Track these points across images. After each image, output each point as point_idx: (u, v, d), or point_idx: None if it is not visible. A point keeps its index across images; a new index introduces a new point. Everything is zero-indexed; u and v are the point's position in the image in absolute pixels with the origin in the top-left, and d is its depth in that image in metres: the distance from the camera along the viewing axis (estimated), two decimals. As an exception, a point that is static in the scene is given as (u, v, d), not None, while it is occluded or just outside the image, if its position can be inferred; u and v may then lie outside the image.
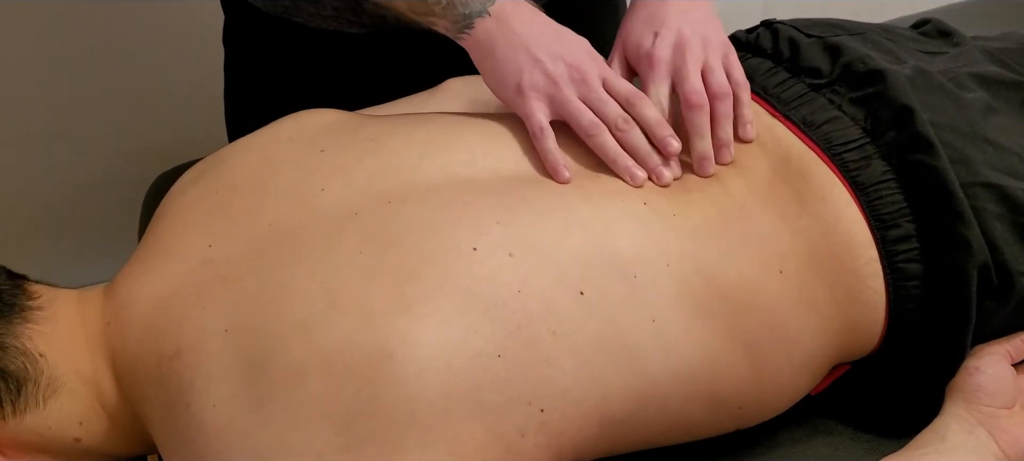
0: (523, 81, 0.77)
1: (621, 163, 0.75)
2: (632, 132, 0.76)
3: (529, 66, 0.77)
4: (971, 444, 0.71)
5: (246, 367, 0.62)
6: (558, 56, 0.78)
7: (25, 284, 0.71)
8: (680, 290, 0.69)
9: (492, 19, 0.80)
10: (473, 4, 0.80)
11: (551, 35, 0.80)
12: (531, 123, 0.76)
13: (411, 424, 0.60)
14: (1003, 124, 0.81)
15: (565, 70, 0.77)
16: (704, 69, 0.79)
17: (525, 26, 0.79)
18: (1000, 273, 0.74)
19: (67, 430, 0.68)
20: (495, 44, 0.79)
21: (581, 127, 0.76)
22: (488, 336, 0.63)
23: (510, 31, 0.79)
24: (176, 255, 0.71)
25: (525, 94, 0.77)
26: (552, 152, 0.75)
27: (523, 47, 0.78)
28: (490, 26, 0.80)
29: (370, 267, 0.65)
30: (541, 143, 0.75)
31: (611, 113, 0.76)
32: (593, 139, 0.76)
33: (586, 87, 0.77)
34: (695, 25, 0.81)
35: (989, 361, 0.75)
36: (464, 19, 0.80)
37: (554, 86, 0.77)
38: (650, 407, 0.69)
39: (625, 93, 0.77)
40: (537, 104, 0.77)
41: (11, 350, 0.66)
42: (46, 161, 1.58)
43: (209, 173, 0.79)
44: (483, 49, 0.80)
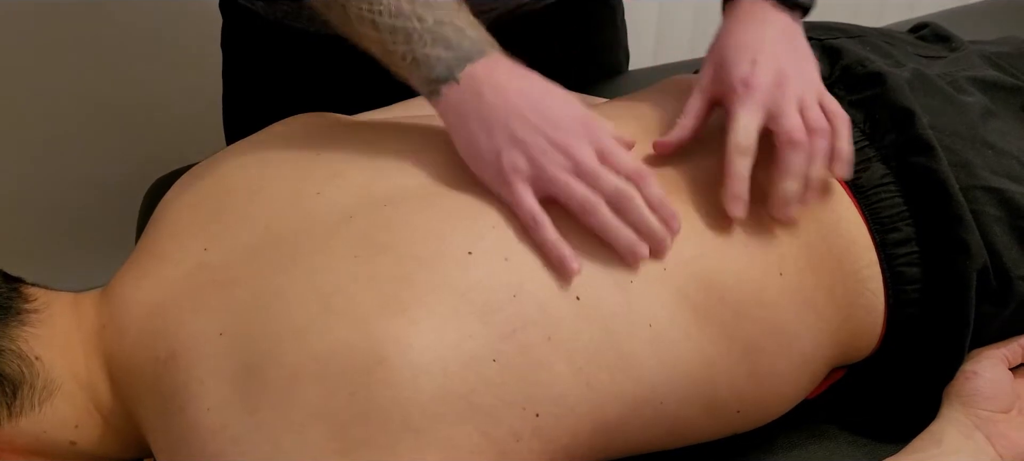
0: (503, 163, 0.68)
1: (622, 241, 0.68)
2: (635, 205, 0.68)
3: (507, 145, 0.68)
4: (968, 448, 0.71)
5: (241, 371, 0.62)
6: (539, 129, 0.69)
7: (21, 287, 0.71)
8: (677, 294, 0.69)
9: (462, 87, 0.70)
10: (437, 67, 0.70)
11: (531, 102, 0.70)
12: (520, 212, 0.68)
13: (405, 427, 0.60)
14: (1002, 128, 0.81)
15: (547, 145, 0.69)
16: (801, 105, 0.73)
17: (499, 96, 0.69)
18: (999, 277, 0.75)
19: (63, 433, 0.68)
20: (466, 116, 0.70)
21: (573, 206, 0.68)
22: (483, 340, 0.63)
23: (482, 102, 0.69)
24: (172, 259, 0.71)
25: (507, 179, 0.68)
26: (554, 244, 0.67)
27: (499, 122, 0.69)
28: (461, 94, 0.70)
29: (365, 271, 0.65)
30: (538, 235, 0.67)
31: (608, 185, 0.68)
32: (589, 218, 0.68)
33: (574, 160, 0.68)
34: (795, 60, 0.76)
35: (986, 365, 0.75)
36: (430, 84, 0.71)
37: (537, 166, 0.68)
38: (646, 412, 0.68)
39: (628, 169, 0.69)
40: (522, 188, 0.68)
41: (7, 353, 0.66)
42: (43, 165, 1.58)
43: (205, 177, 0.79)
44: (453, 118, 0.71)
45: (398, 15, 0.71)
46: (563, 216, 0.68)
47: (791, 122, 0.71)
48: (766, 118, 0.72)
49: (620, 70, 1.29)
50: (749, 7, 0.78)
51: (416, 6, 0.71)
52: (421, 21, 0.70)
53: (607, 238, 0.68)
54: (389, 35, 0.71)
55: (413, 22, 0.70)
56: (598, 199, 0.68)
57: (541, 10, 1.10)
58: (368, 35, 0.73)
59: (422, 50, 0.70)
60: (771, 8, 0.77)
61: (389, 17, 0.71)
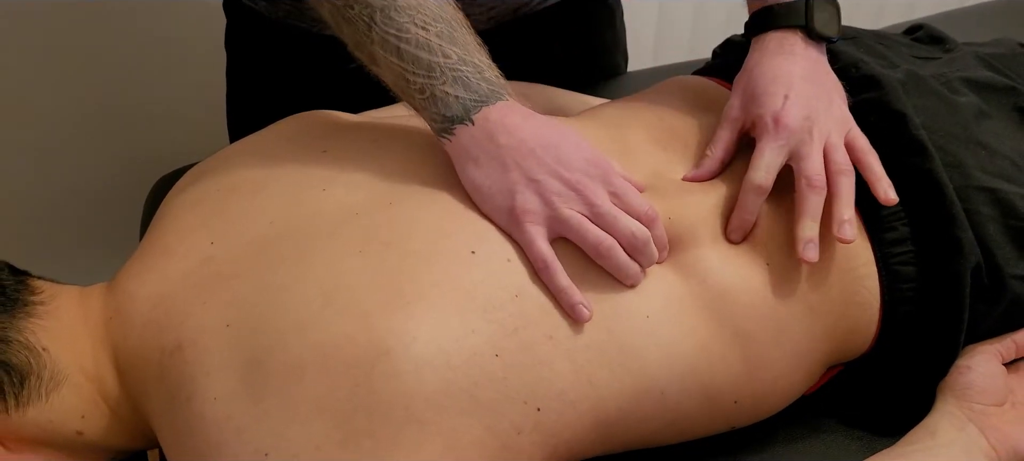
0: (516, 204, 0.68)
1: (633, 278, 0.69)
2: (649, 249, 0.69)
3: (521, 186, 0.69)
4: (961, 441, 0.72)
5: (246, 363, 0.63)
6: (553, 172, 0.69)
7: (28, 280, 0.72)
8: (674, 288, 0.71)
9: (476, 128, 0.70)
10: (454, 106, 0.70)
11: (544, 145, 0.70)
12: (532, 254, 0.68)
13: (408, 419, 0.61)
14: (995, 128, 0.82)
15: (561, 186, 0.69)
16: (827, 146, 0.74)
17: (512, 138, 0.69)
18: (992, 275, 0.75)
19: (69, 423, 0.69)
20: (479, 157, 0.70)
21: (587, 246, 0.69)
22: (486, 336, 0.64)
23: (495, 144, 0.69)
24: (177, 253, 0.72)
25: (520, 221, 0.68)
26: (566, 290, 0.67)
27: (513, 163, 0.69)
28: (474, 135, 0.70)
29: (369, 266, 0.66)
30: (550, 280, 0.67)
31: (623, 228, 0.69)
32: (604, 260, 0.69)
33: (588, 203, 0.69)
34: (826, 97, 0.77)
35: (980, 360, 0.75)
36: (443, 121, 0.71)
37: (551, 207, 0.68)
38: (646, 404, 0.69)
39: (641, 211, 0.70)
40: (535, 230, 0.68)
41: (14, 344, 0.67)
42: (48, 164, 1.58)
43: (210, 173, 0.80)
44: (467, 158, 0.71)
45: (425, 47, 0.70)
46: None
47: (813, 167, 0.73)
48: (790, 157, 0.74)
49: (619, 71, 1.30)
50: (779, 39, 0.79)
51: (443, 42, 0.71)
52: (446, 57, 0.70)
53: (618, 276, 0.69)
54: (412, 65, 0.71)
55: (438, 57, 0.70)
56: (613, 242, 0.68)
57: (541, 12, 1.10)
58: (387, 61, 0.72)
59: (442, 87, 0.70)
60: (800, 41, 0.79)
61: (415, 48, 0.70)
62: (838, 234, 0.72)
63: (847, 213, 0.72)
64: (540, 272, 0.68)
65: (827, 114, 0.75)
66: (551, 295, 0.67)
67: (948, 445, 0.71)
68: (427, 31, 0.70)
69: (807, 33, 0.79)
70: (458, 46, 0.71)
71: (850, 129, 0.77)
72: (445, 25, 0.71)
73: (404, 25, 0.70)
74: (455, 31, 0.72)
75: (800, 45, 0.78)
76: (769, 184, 0.73)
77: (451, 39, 0.71)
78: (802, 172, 0.73)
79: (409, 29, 0.70)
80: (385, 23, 0.71)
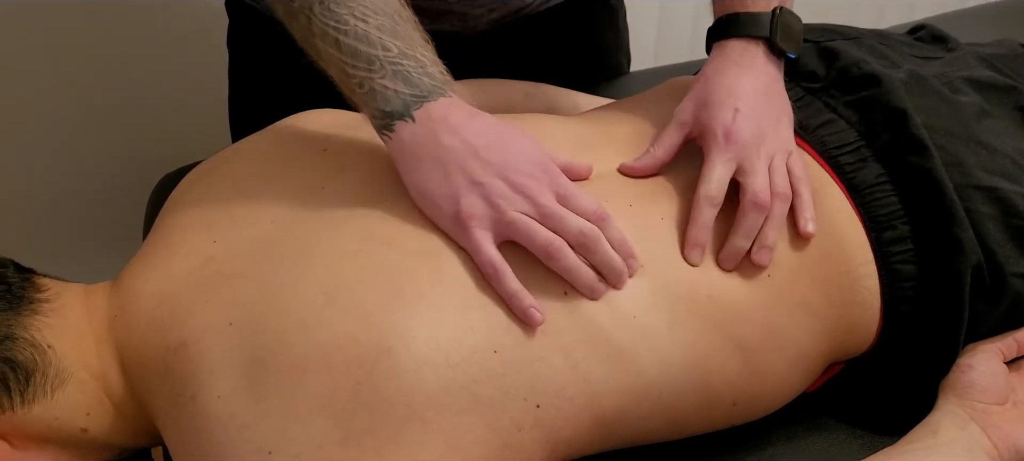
0: (460, 208, 0.67)
1: (584, 281, 0.67)
2: (600, 247, 0.67)
3: (465, 189, 0.67)
4: (963, 439, 0.72)
5: (249, 361, 0.63)
6: (497, 173, 0.67)
7: (34, 277, 0.72)
8: (663, 291, 0.70)
9: (417, 125, 0.68)
10: (394, 102, 0.68)
11: (489, 145, 0.68)
12: (480, 260, 0.66)
13: (409, 417, 0.61)
14: (996, 127, 0.82)
15: (506, 189, 0.67)
16: (771, 166, 0.74)
17: (455, 138, 0.67)
18: (993, 274, 0.76)
19: (74, 421, 0.69)
20: (421, 157, 0.68)
21: (536, 248, 0.67)
22: (484, 332, 0.65)
23: (437, 143, 0.67)
24: (180, 252, 0.72)
25: (465, 225, 0.66)
26: (516, 294, 0.65)
27: (456, 164, 0.67)
28: (416, 132, 0.68)
29: (370, 265, 0.67)
30: (499, 285, 0.66)
31: (572, 227, 0.67)
32: (553, 262, 0.67)
33: (534, 204, 0.67)
34: (775, 117, 0.76)
35: (981, 358, 0.76)
36: (383, 117, 0.69)
37: (497, 210, 0.67)
38: (643, 404, 0.70)
39: (590, 211, 0.69)
40: (481, 234, 0.67)
41: (20, 341, 0.67)
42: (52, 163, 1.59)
43: (212, 172, 0.80)
44: (405, 158, 0.69)
45: (364, 40, 0.68)
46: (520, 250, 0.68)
47: (758, 183, 0.72)
48: (737, 171, 0.73)
49: (621, 71, 1.30)
50: (741, 49, 0.78)
51: (383, 34, 0.69)
52: (386, 51, 0.68)
53: (569, 279, 0.67)
54: (351, 58, 0.69)
55: (377, 50, 0.68)
56: (561, 243, 0.67)
57: (543, 12, 1.11)
58: (328, 53, 0.70)
59: (381, 81, 0.68)
60: (761, 55, 0.78)
61: (354, 40, 0.68)
62: (755, 257, 0.72)
63: (772, 238, 0.72)
64: (489, 278, 0.66)
65: (775, 134, 0.75)
66: (541, 289, 0.67)
67: (950, 444, 0.71)
68: (367, 23, 0.69)
69: (769, 47, 0.78)
70: (400, 39, 0.69)
71: (791, 153, 0.76)
72: (387, 18, 0.69)
73: (343, 17, 0.69)
74: (398, 24, 0.70)
75: (760, 58, 0.77)
76: (720, 195, 0.72)
77: (393, 32, 0.69)
78: (748, 187, 0.72)
79: (348, 21, 0.68)
80: (324, 15, 0.69)
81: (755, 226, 0.72)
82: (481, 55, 1.01)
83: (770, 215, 0.72)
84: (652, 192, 0.76)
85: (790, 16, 0.79)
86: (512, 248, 0.68)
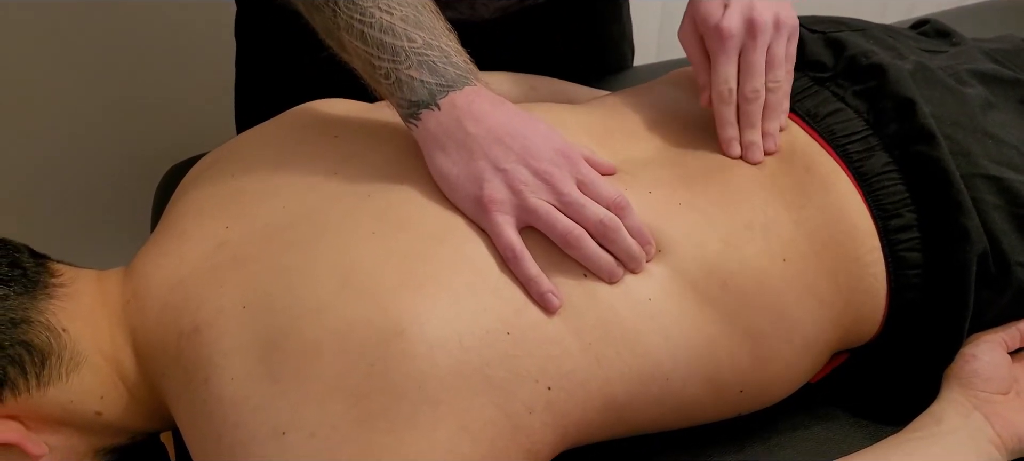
0: (483, 193, 0.68)
1: (604, 268, 0.69)
2: (619, 235, 0.69)
3: (489, 174, 0.68)
4: (967, 428, 0.72)
5: (263, 344, 0.64)
6: (520, 160, 0.69)
7: (48, 263, 0.73)
8: (680, 278, 0.71)
9: (442, 113, 0.70)
10: (419, 91, 0.70)
11: (512, 133, 0.70)
12: (500, 244, 0.68)
13: (422, 399, 0.62)
14: (1001, 119, 0.83)
15: (529, 176, 0.69)
16: (768, 56, 0.78)
17: (480, 125, 0.69)
18: (998, 263, 0.76)
19: (89, 404, 0.70)
20: (446, 144, 0.70)
21: (556, 236, 0.68)
22: (497, 314, 0.65)
23: (461, 130, 0.69)
24: (193, 237, 0.73)
25: (487, 209, 0.68)
26: (535, 279, 0.67)
27: (480, 150, 0.69)
28: (441, 120, 0.70)
29: (382, 248, 0.67)
30: (519, 269, 0.67)
31: (591, 215, 0.69)
32: (572, 249, 0.68)
33: (556, 192, 0.69)
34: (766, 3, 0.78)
35: (985, 348, 0.76)
36: (409, 106, 0.71)
37: (519, 196, 0.68)
38: (652, 390, 0.70)
39: (609, 198, 0.70)
40: (503, 219, 0.68)
41: (36, 324, 0.67)
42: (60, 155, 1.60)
43: (224, 159, 0.81)
44: (433, 146, 0.70)
45: (389, 31, 0.70)
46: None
47: (751, 85, 0.78)
48: (739, 66, 0.78)
49: (625, 65, 1.30)
50: None
51: (408, 26, 0.70)
52: (411, 41, 0.70)
53: (588, 266, 0.69)
54: (376, 50, 0.70)
55: (403, 41, 0.70)
56: (581, 231, 0.68)
57: (547, 5, 1.11)
58: (354, 46, 0.72)
59: (407, 71, 0.70)
60: None
61: (379, 32, 0.70)
62: (765, 147, 0.78)
63: (771, 127, 0.79)
64: (509, 262, 0.68)
65: (772, 20, 0.78)
66: (557, 272, 0.68)
67: (953, 432, 0.72)
68: (391, 15, 0.70)
69: None
70: (424, 30, 0.71)
71: (792, 37, 0.80)
72: (411, 9, 0.71)
73: (368, 9, 0.70)
74: (421, 15, 0.71)
75: None
76: (731, 91, 0.78)
77: (417, 23, 0.71)
78: (742, 85, 0.78)
79: (373, 13, 0.70)
80: (349, 8, 0.70)
81: (756, 116, 0.78)
82: (486, 45, 1.01)
83: (767, 106, 0.78)
84: (670, 179, 0.77)
85: None
86: (531, 232, 0.69)
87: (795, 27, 0.80)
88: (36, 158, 1.57)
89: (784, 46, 0.79)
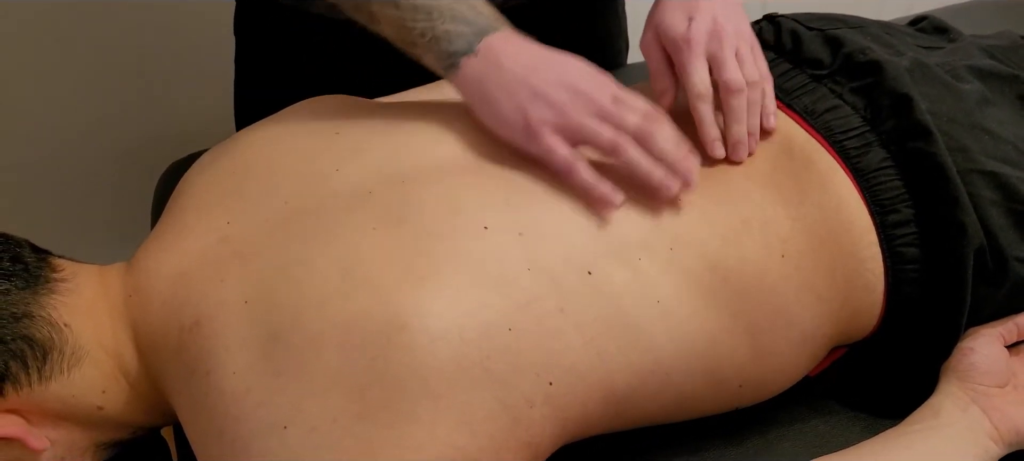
0: (530, 118, 0.72)
1: (656, 176, 0.72)
2: (659, 137, 0.72)
3: (530, 101, 0.72)
4: (964, 421, 0.72)
5: (265, 338, 0.64)
6: (558, 83, 0.73)
7: (50, 258, 0.73)
8: (684, 274, 0.71)
9: (479, 58, 0.74)
10: (457, 42, 0.74)
11: (546, 64, 0.74)
12: (554, 160, 0.71)
13: (423, 392, 0.62)
14: (998, 115, 0.83)
15: (569, 96, 0.72)
16: (737, 57, 0.79)
17: (515, 62, 0.73)
18: (995, 258, 0.76)
19: (90, 398, 0.70)
20: (486, 85, 0.74)
21: (603, 145, 0.72)
22: (499, 310, 0.65)
23: (500, 69, 0.73)
24: (194, 232, 0.73)
25: (536, 131, 0.72)
26: (593, 184, 0.71)
27: (518, 83, 0.73)
28: (478, 66, 0.74)
29: (384, 243, 0.67)
30: (576, 177, 0.71)
31: (631, 124, 0.72)
32: (620, 155, 0.72)
33: (596, 106, 0.73)
34: (727, 13, 0.80)
35: (983, 342, 0.76)
36: (449, 57, 0.75)
37: (562, 115, 0.72)
38: (652, 384, 0.71)
39: (643, 107, 0.74)
40: (553, 139, 0.72)
41: (37, 319, 0.68)
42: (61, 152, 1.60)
43: (225, 155, 0.81)
44: (473, 89, 0.75)
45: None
46: None
47: (730, 74, 0.77)
48: (711, 68, 0.78)
49: (620, 62, 1.30)
50: None
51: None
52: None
53: (639, 173, 0.72)
54: (410, 13, 0.75)
55: (433, 0, 0.74)
56: (626, 138, 0.72)
57: (542, 2, 1.11)
58: (386, 14, 0.76)
59: (442, 26, 0.75)
60: None
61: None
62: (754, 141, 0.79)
63: (753, 124, 0.78)
64: (565, 176, 0.71)
65: (734, 30, 0.79)
66: (562, 268, 0.68)
67: (951, 425, 0.72)
68: None
69: None
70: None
71: (755, 47, 0.81)
72: None
73: None
74: None
75: None
76: (708, 89, 0.78)
77: None
78: (721, 78, 0.78)
79: None
80: None
81: (741, 109, 0.77)
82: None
83: (750, 100, 0.78)
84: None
85: None
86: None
87: (755, 42, 0.82)
88: (36, 154, 1.58)
89: (749, 50, 0.80)
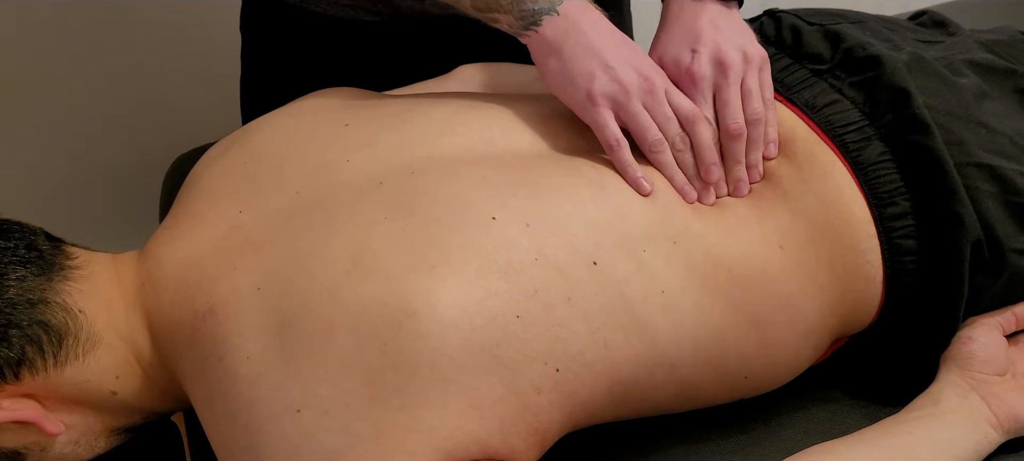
0: (594, 87, 0.76)
1: (678, 181, 0.77)
2: (688, 154, 0.78)
3: (601, 72, 0.76)
4: (964, 408, 0.73)
5: (277, 324, 0.65)
6: (629, 64, 0.77)
7: (64, 246, 0.74)
8: (687, 266, 0.72)
9: (561, 18, 0.78)
10: (541, 1, 0.78)
11: (619, 41, 0.78)
12: (605, 134, 0.76)
13: (434, 377, 0.63)
14: (995, 109, 0.84)
15: (637, 79, 0.76)
16: (742, 90, 0.80)
17: (594, 31, 0.77)
18: (992, 249, 0.77)
19: (104, 384, 0.71)
20: (564, 44, 0.77)
21: (646, 142, 0.77)
22: (507, 298, 0.66)
23: (580, 32, 0.77)
24: (207, 220, 0.74)
25: (597, 102, 0.76)
26: (632, 165, 0.75)
27: (594, 50, 0.77)
28: (559, 25, 0.78)
29: (394, 232, 0.68)
30: (619, 156, 0.76)
31: (672, 132, 0.77)
32: (656, 156, 0.77)
33: (653, 99, 0.77)
34: (731, 38, 0.81)
35: (981, 331, 0.77)
36: (532, 15, 0.78)
37: (625, 95, 0.76)
38: (658, 374, 0.72)
39: (686, 110, 0.78)
40: (607, 113, 0.76)
41: (53, 305, 0.69)
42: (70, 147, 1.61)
43: (235, 146, 0.82)
44: (549, 48, 0.78)
45: None
46: None
47: (731, 120, 0.79)
48: (715, 102, 0.80)
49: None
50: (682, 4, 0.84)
51: None
52: None
53: (666, 175, 0.77)
54: None
55: None
56: (665, 144, 0.77)
57: None
58: None
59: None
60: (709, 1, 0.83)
61: None
62: (749, 178, 0.80)
63: (753, 158, 0.80)
64: (611, 150, 0.76)
65: (740, 58, 0.80)
66: (568, 258, 0.69)
67: (951, 412, 0.73)
68: None
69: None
70: None
71: (763, 70, 0.82)
72: None
73: None
74: None
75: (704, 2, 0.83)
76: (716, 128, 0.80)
77: None
78: (723, 121, 0.80)
79: None
80: None
81: (741, 152, 0.79)
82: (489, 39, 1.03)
83: (748, 140, 0.80)
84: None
85: None
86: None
87: (764, 58, 0.82)
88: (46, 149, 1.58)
89: (756, 78, 0.81)
